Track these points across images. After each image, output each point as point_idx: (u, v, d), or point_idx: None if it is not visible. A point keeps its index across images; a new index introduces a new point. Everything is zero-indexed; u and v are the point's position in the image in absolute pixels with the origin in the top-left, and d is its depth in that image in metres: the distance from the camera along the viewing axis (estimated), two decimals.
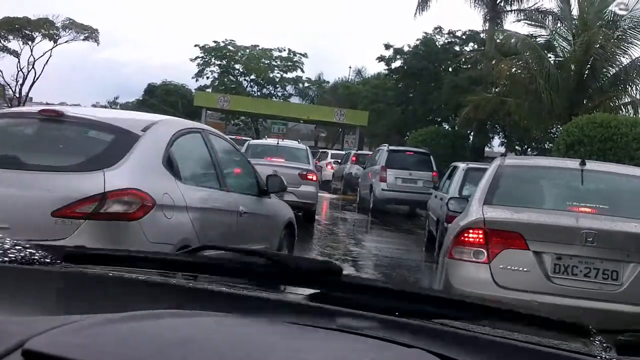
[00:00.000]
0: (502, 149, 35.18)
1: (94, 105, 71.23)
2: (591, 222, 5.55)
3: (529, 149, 32.41)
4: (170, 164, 5.69)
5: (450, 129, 34.96)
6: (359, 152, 29.88)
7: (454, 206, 7.20)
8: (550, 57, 23.94)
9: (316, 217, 17.62)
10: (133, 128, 5.64)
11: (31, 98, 45.12)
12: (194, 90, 58.90)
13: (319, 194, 17.89)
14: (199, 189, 6.14)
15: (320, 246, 13.71)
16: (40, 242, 1.75)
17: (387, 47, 39.16)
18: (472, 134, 32.84)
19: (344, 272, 1.51)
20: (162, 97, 62.42)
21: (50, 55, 31.21)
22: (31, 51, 31.29)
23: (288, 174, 13.02)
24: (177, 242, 5.30)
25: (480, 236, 5.54)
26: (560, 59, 24.00)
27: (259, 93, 63.08)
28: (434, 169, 21.58)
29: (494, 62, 25.04)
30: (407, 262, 13.44)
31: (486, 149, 34.72)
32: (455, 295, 1.54)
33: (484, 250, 5.49)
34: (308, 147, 18.95)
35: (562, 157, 18.21)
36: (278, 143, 18.13)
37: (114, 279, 1.56)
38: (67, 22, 32.01)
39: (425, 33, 38.48)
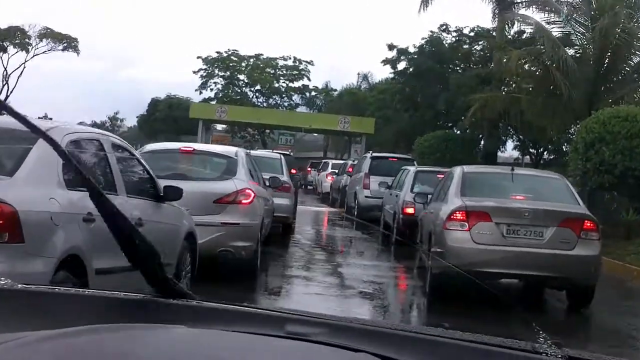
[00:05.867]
0: (516, 153, 32.36)
1: (94, 122, 70.00)
2: (526, 204, 9.32)
3: (545, 152, 29.47)
4: (249, 171, 10.69)
5: (459, 132, 32.29)
6: (355, 162, 27.21)
7: (419, 199, 12.27)
8: (566, 49, 21.19)
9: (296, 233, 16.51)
10: (231, 154, 10.31)
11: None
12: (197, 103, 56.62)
13: (315, 207, 17.45)
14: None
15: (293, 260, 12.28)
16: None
17: (391, 47, 36.64)
18: (482, 137, 30.18)
19: None
20: (165, 112, 60.59)
21: (24, 67, 28.87)
22: (2, 62, 29.02)
23: None
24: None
25: (464, 215, 9.02)
26: (576, 47, 21.23)
27: (265, 104, 60.90)
28: None
29: (505, 58, 22.27)
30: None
31: (499, 153, 31.97)
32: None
33: (466, 223, 8.95)
34: (282, 156, 16.93)
35: (580, 159, 15.65)
36: (249, 153, 16.28)
37: (58, 295, 1.57)
38: (45, 31, 29.57)
39: (431, 32, 35.93)
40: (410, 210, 14.71)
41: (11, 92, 34.21)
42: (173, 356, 1.12)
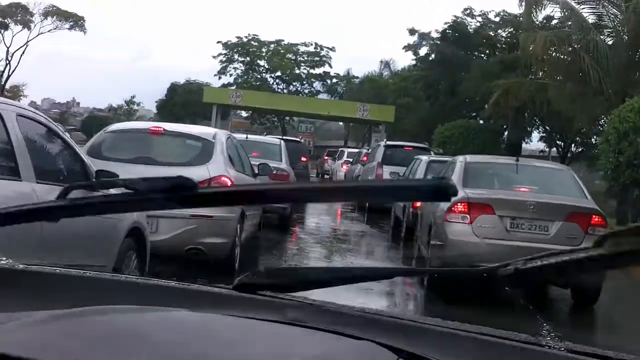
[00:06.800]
0: (542, 145, 30.67)
1: (110, 105, 69.43)
2: (531, 197, 8.99)
3: (573, 145, 27.72)
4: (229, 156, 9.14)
5: (482, 121, 30.69)
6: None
7: None
8: (597, 32, 19.50)
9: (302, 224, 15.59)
10: (207, 136, 8.97)
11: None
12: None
13: None
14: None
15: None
16: None
17: (412, 32, 35.21)
18: (506, 128, 28.58)
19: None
20: (184, 97, 59.84)
21: (27, 45, 27.76)
22: (3, 40, 27.93)
23: None
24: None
25: (465, 207, 8.71)
26: (609, 30, 19.56)
27: (285, 90, 59.70)
28: None
29: (531, 41, 20.61)
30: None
31: (524, 145, 30.31)
32: None
33: (467, 215, 8.66)
34: (282, 142, 15.59)
35: (612, 151, 14.21)
36: (247, 138, 15.42)
37: (61, 275, 1.59)
38: (50, 8, 28.36)
39: (455, 16, 34.39)
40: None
41: (13, 71, 33.21)
42: (175, 339, 1.12)
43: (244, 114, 61.89)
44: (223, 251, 8.27)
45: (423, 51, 36.05)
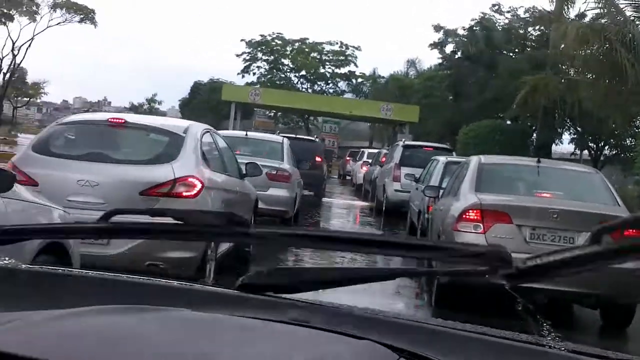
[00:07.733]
0: (572, 148, 29.11)
1: (132, 103, 69.14)
2: (554, 204, 7.96)
3: (606, 147, 26.14)
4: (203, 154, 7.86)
5: (510, 122, 29.22)
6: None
7: (429, 192, 11.19)
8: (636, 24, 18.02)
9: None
10: (177, 130, 7.76)
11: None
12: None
13: (344, 200, 16.99)
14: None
15: None
16: None
17: (437, 28, 33.78)
18: (535, 129, 27.09)
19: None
20: (207, 95, 59.15)
21: (33, 38, 26.88)
22: (9, 34, 27.20)
23: None
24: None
25: (478, 214, 7.72)
26: None
27: (310, 90, 58.67)
28: None
29: (562, 32, 19.18)
30: None
31: (554, 147, 28.78)
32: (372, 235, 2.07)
33: (480, 224, 7.67)
34: (286, 140, 14.27)
35: None
36: (247, 135, 14.59)
37: (58, 275, 1.59)
38: (59, 0, 27.43)
39: (483, 13, 33.02)
40: None
41: (18, 65, 32.49)
42: (177, 338, 1.13)
43: (269, 113, 61.11)
44: (189, 267, 7.03)
45: (449, 49, 34.65)
